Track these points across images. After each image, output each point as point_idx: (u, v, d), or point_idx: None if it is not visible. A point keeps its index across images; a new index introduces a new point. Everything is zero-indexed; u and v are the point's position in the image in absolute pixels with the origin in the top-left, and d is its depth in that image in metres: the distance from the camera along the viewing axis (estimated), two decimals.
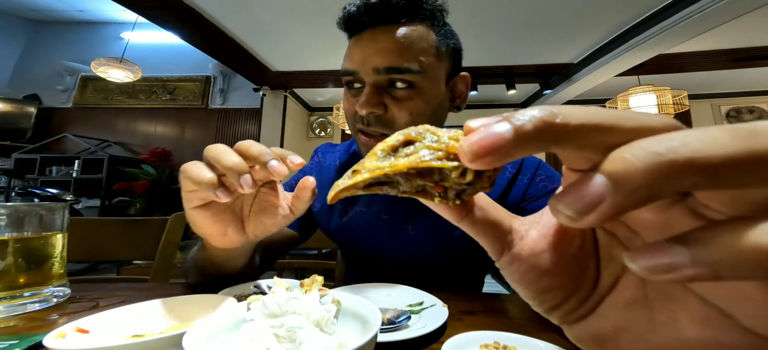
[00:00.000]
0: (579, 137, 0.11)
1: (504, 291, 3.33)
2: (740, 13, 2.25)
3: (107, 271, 3.30)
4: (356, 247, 0.70)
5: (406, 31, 0.52)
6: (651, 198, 0.10)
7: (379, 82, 0.53)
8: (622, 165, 0.10)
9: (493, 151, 0.12)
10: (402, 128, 0.56)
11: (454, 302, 0.47)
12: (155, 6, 2.60)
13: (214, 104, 4.69)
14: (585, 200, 0.11)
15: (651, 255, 0.11)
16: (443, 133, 0.15)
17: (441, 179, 0.15)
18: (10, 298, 0.44)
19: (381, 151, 0.16)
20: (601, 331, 0.17)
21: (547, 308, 0.17)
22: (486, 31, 2.95)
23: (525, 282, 0.17)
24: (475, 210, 0.18)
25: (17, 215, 0.46)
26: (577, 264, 0.17)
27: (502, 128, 0.12)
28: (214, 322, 0.28)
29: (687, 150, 0.09)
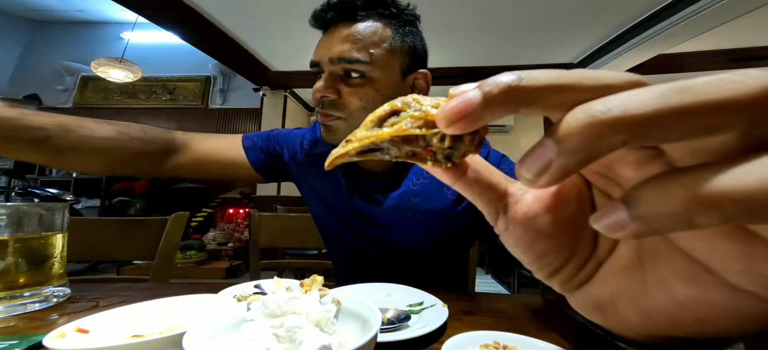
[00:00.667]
0: (543, 98, 0.12)
1: (504, 291, 3.33)
2: (740, 13, 2.25)
3: (107, 271, 3.30)
4: (323, 225, 0.75)
5: (359, 27, 0.58)
6: (590, 158, 0.11)
7: (334, 71, 0.59)
8: (563, 127, 0.11)
9: (464, 116, 0.13)
10: (354, 112, 0.58)
11: (454, 302, 0.47)
12: (155, 6, 2.60)
13: (214, 104, 4.69)
14: (538, 163, 0.12)
15: (604, 215, 0.11)
16: (426, 102, 0.16)
17: (427, 145, 0.16)
18: (10, 298, 0.44)
19: (370, 121, 0.17)
20: (600, 297, 0.17)
21: (546, 274, 0.18)
22: (486, 31, 2.95)
23: (521, 246, 0.17)
24: (469, 172, 0.18)
25: (17, 215, 0.46)
26: (573, 227, 0.17)
27: (473, 94, 0.13)
28: (214, 322, 0.28)
29: (619, 110, 0.10)
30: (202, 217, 4.05)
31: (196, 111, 4.65)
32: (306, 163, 0.74)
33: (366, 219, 0.69)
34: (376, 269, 0.71)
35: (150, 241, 0.90)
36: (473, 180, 0.18)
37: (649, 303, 0.15)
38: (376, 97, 0.59)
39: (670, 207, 0.10)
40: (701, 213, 0.10)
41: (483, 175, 0.18)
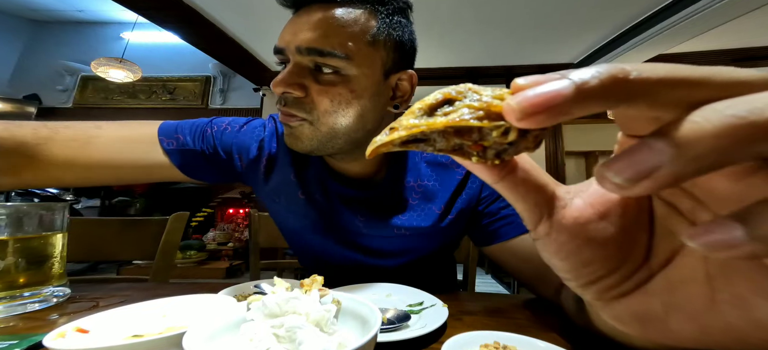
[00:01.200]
0: (658, 93, 0.10)
1: (504, 291, 3.32)
2: (740, 13, 2.25)
3: (107, 271, 3.30)
4: (288, 232, 0.66)
5: (339, 12, 0.48)
6: (716, 167, 0.09)
7: (302, 63, 0.49)
8: (688, 129, 0.09)
9: (548, 108, 0.11)
10: (322, 116, 0.47)
11: (454, 302, 0.47)
12: (155, 6, 2.60)
13: (214, 104, 4.69)
14: (640, 166, 0.10)
15: (709, 232, 0.10)
16: (486, 91, 0.14)
17: (480, 138, 0.14)
18: (10, 298, 0.44)
19: (419, 109, 0.15)
20: (647, 309, 0.16)
21: (583, 282, 0.17)
22: (486, 31, 2.95)
23: (563, 253, 0.16)
24: (518, 171, 0.16)
25: (17, 215, 0.46)
26: (627, 236, 0.16)
27: (561, 85, 0.11)
28: (214, 322, 0.28)
29: None
30: (202, 217, 4.05)
31: (196, 111, 4.65)
32: (271, 172, 0.61)
33: (346, 233, 0.60)
34: (354, 282, 0.62)
35: (150, 241, 0.91)
36: (521, 180, 0.16)
37: (714, 319, 0.14)
38: (350, 100, 0.49)
39: None
40: None
41: (531, 175, 0.17)
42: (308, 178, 0.60)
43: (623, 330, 0.17)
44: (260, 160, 0.61)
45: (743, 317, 0.13)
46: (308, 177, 0.60)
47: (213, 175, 0.62)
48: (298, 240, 0.66)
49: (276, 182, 0.61)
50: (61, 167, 0.53)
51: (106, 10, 4.34)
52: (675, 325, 0.15)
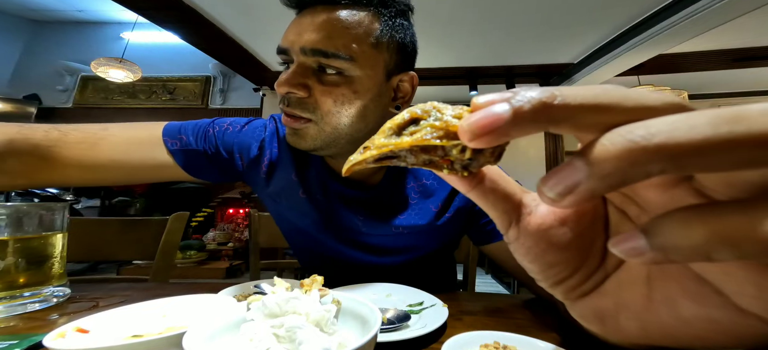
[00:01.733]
0: (576, 118, 0.12)
1: (504, 291, 3.32)
2: (740, 13, 2.25)
3: (107, 271, 3.30)
4: (289, 230, 0.66)
5: (343, 14, 0.48)
6: (623, 184, 0.11)
7: (306, 64, 0.49)
8: (598, 150, 0.11)
9: (491, 131, 0.12)
10: (326, 115, 0.48)
11: (454, 302, 0.47)
12: (155, 6, 2.60)
13: (214, 104, 4.69)
14: (564, 183, 0.11)
15: (623, 241, 0.12)
16: (447, 111, 0.16)
17: (444, 154, 0.15)
18: (10, 298, 0.44)
19: (389, 128, 0.16)
20: (603, 308, 0.17)
21: (552, 283, 0.18)
22: (486, 31, 2.95)
23: (531, 256, 0.17)
24: (485, 182, 0.18)
25: (17, 215, 0.46)
26: (584, 240, 0.17)
27: (501, 109, 0.12)
28: (214, 322, 0.28)
29: (662, 137, 0.10)
30: (202, 217, 4.05)
31: (196, 111, 4.65)
32: (272, 172, 0.62)
33: (346, 231, 0.61)
34: (354, 280, 0.62)
35: (150, 241, 0.91)
36: (489, 189, 0.18)
37: (651, 317, 0.15)
38: (353, 100, 0.50)
39: (689, 241, 0.10)
40: (719, 250, 0.10)
41: (499, 185, 0.18)
42: (309, 178, 0.61)
43: (588, 327, 0.18)
44: (261, 159, 0.61)
45: (673, 315, 0.15)
46: (309, 177, 0.61)
47: (215, 174, 0.63)
48: (299, 238, 0.67)
49: (277, 182, 0.61)
50: (71, 168, 0.55)
51: (106, 10, 4.34)
52: (623, 323, 0.16)
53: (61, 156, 0.54)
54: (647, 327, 0.15)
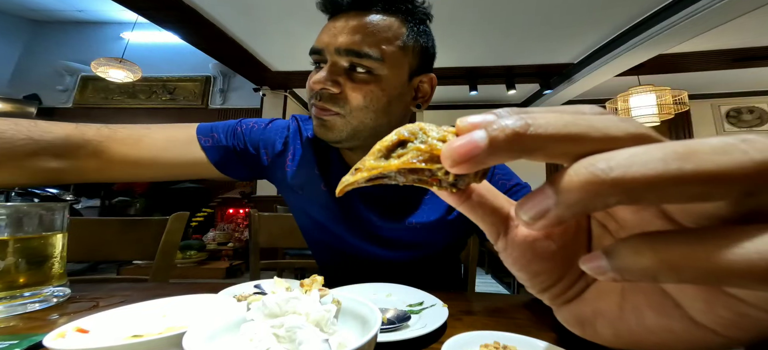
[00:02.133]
0: (548, 148, 0.12)
1: (504, 291, 3.33)
2: (740, 13, 2.25)
3: (107, 271, 3.30)
4: (309, 225, 0.69)
5: (374, 18, 0.54)
6: (586, 211, 0.12)
7: (339, 63, 0.54)
8: (565, 180, 0.12)
9: (469, 159, 0.13)
10: (355, 110, 0.53)
11: (454, 302, 0.47)
12: (155, 6, 2.60)
13: (214, 104, 4.69)
14: (536, 208, 0.13)
15: (590, 259, 0.13)
16: (433, 133, 0.16)
17: (431, 175, 0.16)
18: (10, 298, 0.44)
19: (377, 151, 0.17)
20: (583, 314, 0.19)
21: (538, 289, 0.19)
22: (486, 31, 2.95)
23: (518, 265, 0.19)
24: (473, 197, 0.19)
25: (17, 215, 0.46)
26: (567, 252, 0.18)
27: (479, 137, 0.13)
28: (214, 322, 0.28)
29: (619, 171, 0.11)
30: (202, 217, 4.05)
31: (196, 111, 4.65)
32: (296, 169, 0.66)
33: (363, 225, 0.64)
34: (366, 275, 0.67)
35: (150, 241, 0.91)
36: (477, 204, 0.19)
37: (622, 325, 0.17)
38: (380, 97, 0.55)
39: (639, 265, 0.11)
40: (663, 274, 0.11)
41: (487, 200, 0.19)
42: (330, 173, 0.65)
43: (572, 331, 0.20)
44: (285, 154, 0.67)
45: (639, 324, 0.16)
46: (330, 172, 0.65)
47: (242, 170, 0.67)
48: (316, 232, 0.70)
49: (300, 175, 0.66)
50: (117, 163, 0.59)
51: (106, 10, 4.34)
52: (599, 329, 0.18)
53: (110, 151, 0.58)
54: (619, 334, 0.17)
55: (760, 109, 4.43)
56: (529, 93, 4.41)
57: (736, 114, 4.48)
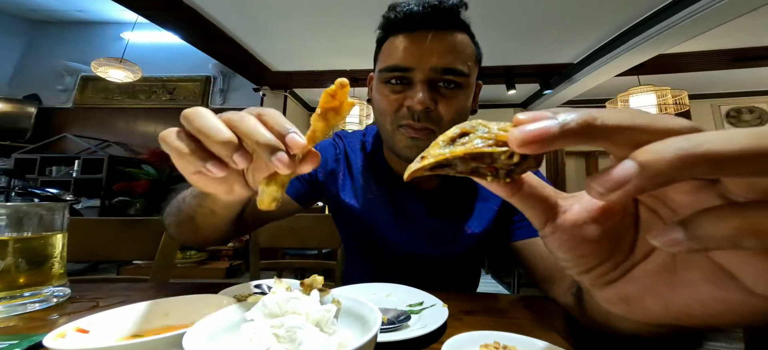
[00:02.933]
0: (615, 135, 0.15)
1: (504, 290, 3.33)
2: (740, 13, 2.25)
3: (107, 271, 3.30)
4: (361, 230, 0.72)
5: (459, 37, 0.58)
6: (668, 183, 0.13)
7: (432, 80, 0.57)
8: (652, 153, 0.13)
9: (540, 140, 0.15)
10: (447, 124, 0.54)
11: (454, 302, 0.47)
12: (155, 6, 2.60)
13: (214, 104, 4.69)
14: (614, 180, 0.14)
15: (663, 233, 0.14)
16: (493, 125, 0.18)
17: (492, 161, 0.18)
18: (10, 298, 0.44)
19: (442, 141, 0.19)
20: (629, 292, 0.20)
21: (580, 271, 0.21)
22: (486, 31, 2.94)
23: (565, 247, 0.21)
24: (525, 187, 0.21)
25: (17, 215, 0.46)
26: (614, 235, 0.20)
27: (550, 123, 0.15)
28: (214, 322, 0.28)
29: (706, 147, 0.12)
30: None
31: None
32: (352, 182, 0.71)
33: (410, 222, 0.68)
34: (392, 270, 0.70)
35: (150, 241, 0.90)
36: (528, 194, 0.21)
37: (674, 299, 0.18)
38: (465, 109, 0.60)
39: (722, 232, 0.13)
40: (745, 240, 0.13)
41: (536, 190, 0.21)
42: (380, 180, 0.70)
43: (611, 310, 0.21)
44: (338, 170, 0.72)
45: (693, 297, 0.18)
46: (380, 179, 0.70)
47: (310, 195, 0.72)
48: (363, 237, 0.73)
49: (353, 185, 0.71)
50: (224, 225, 0.53)
51: (106, 10, 4.34)
52: (649, 305, 0.19)
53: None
54: (669, 308, 0.19)
55: (760, 109, 4.42)
56: (529, 93, 4.41)
57: (736, 114, 4.48)
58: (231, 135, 0.27)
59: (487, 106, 4.60)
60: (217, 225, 0.49)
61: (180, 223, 0.51)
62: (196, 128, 0.28)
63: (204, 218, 0.47)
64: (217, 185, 0.34)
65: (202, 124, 0.27)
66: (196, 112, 0.28)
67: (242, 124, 0.28)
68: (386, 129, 0.62)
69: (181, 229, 0.52)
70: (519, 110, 4.47)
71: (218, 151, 0.28)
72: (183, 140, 0.28)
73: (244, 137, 0.27)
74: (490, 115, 4.57)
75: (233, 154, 0.27)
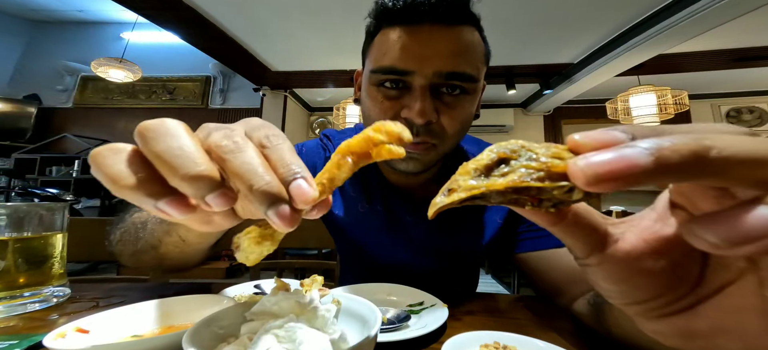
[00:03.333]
0: (736, 171, 0.11)
1: (504, 290, 3.33)
2: (740, 13, 2.25)
3: (107, 271, 3.30)
4: (353, 245, 0.68)
5: (467, 33, 0.48)
6: None
7: (435, 85, 0.47)
8: None
9: (622, 178, 0.11)
10: (450, 138, 0.48)
11: (454, 302, 0.47)
12: (155, 6, 2.60)
13: (214, 104, 4.69)
14: (743, 232, 0.11)
15: None
16: (540, 150, 0.15)
17: (538, 193, 0.15)
18: (10, 298, 0.44)
19: (474, 169, 0.16)
20: (693, 328, 0.17)
21: (628, 302, 0.18)
22: (486, 31, 2.92)
23: (612, 279, 0.17)
24: (570, 216, 0.17)
25: (17, 215, 0.46)
26: (678, 268, 0.17)
27: (636, 154, 0.11)
28: (214, 322, 0.28)
29: None
30: None
31: (196, 111, 4.65)
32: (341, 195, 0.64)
33: (405, 231, 0.62)
34: (387, 280, 0.68)
35: None
36: (573, 223, 0.17)
37: (760, 342, 0.15)
38: (470, 115, 0.50)
39: None
40: None
41: (583, 218, 0.18)
42: (371, 195, 0.63)
43: (662, 342, 0.18)
44: None
45: None
46: (371, 194, 0.63)
47: None
48: (353, 246, 0.67)
49: (342, 197, 0.64)
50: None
51: (106, 10, 4.34)
52: (722, 343, 0.16)
53: None
54: (754, 346, 0.15)
55: (760, 109, 4.42)
56: (528, 93, 4.40)
57: (736, 114, 4.48)
58: (208, 168, 0.18)
59: (487, 106, 4.59)
60: (188, 255, 0.42)
61: (138, 253, 0.44)
62: (154, 153, 0.18)
63: (172, 248, 0.39)
64: (189, 217, 0.24)
65: (166, 146, 0.18)
66: (159, 127, 0.19)
67: (235, 158, 0.19)
68: None
69: (138, 259, 0.45)
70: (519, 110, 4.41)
71: (185, 190, 0.18)
72: (127, 165, 0.19)
73: (234, 175, 0.19)
74: (491, 114, 4.56)
75: (209, 194, 0.18)
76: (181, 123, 0.20)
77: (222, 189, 0.19)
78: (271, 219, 0.19)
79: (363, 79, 0.55)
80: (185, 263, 0.46)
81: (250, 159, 0.19)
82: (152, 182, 0.19)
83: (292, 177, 0.19)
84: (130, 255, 0.45)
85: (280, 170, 0.20)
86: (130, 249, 0.45)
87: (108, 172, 0.18)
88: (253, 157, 0.19)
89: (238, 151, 0.19)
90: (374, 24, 0.52)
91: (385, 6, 0.49)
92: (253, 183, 0.18)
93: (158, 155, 0.18)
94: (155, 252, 0.41)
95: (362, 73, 0.56)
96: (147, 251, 0.42)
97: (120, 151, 0.19)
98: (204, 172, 0.18)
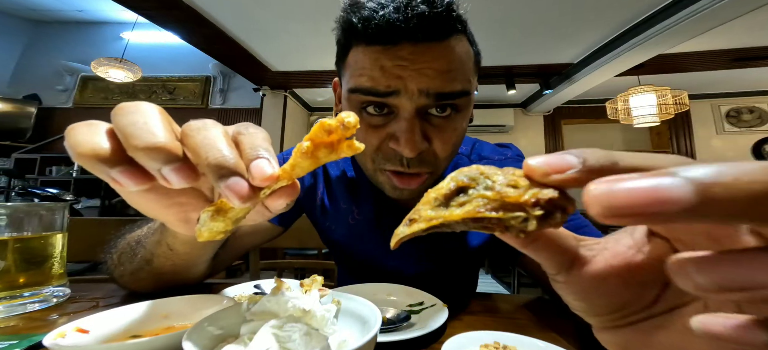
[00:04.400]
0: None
1: (503, 290, 3.33)
2: (740, 12, 2.25)
3: None
4: (346, 251, 0.67)
5: (455, 45, 0.42)
6: None
7: (422, 108, 0.42)
8: None
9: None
10: (444, 161, 0.44)
11: (454, 302, 0.47)
12: (155, 6, 2.60)
13: (214, 104, 4.68)
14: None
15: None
16: (498, 177, 0.15)
17: (499, 222, 0.14)
18: (10, 298, 0.44)
19: (434, 199, 0.16)
20: (632, 342, 0.18)
21: (587, 314, 0.18)
22: (486, 31, 2.94)
23: (577, 295, 0.18)
24: (542, 238, 0.17)
25: (17, 215, 0.46)
26: (638, 290, 0.17)
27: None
28: (214, 322, 0.28)
29: None
30: None
31: (196, 111, 4.65)
32: (329, 205, 0.63)
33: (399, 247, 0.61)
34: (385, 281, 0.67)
35: None
36: (544, 245, 0.18)
37: None
38: (462, 131, 0.46)
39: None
40: None
41: (555, 241, 0.18)
42: (362, 208, 0.62)
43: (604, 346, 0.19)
44: (316, 188, 0.64)
45: None
46: (362, 207, 0.62)
47: (293, 216, 0.65)
48: (346, 253, 0.67)
49: (330, 209, 0.64)
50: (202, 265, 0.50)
51: (106, 10, 4.33)
52: None
53: None
54: None
55: (760, 109, 4.42)
56: (529, 93, 4.40)
57: (736, 114, 4.48)
58: (165, 139, 0.19)
59: (486, 106, 4.59)
60: (179, 267, 0.41)
61: (136, 271, 0.44)
62: (120, 125, 0.20)
63: (163, 260, 0.39)
64: (162, 208, 0.25)
65: (133, 119, 0.20)
66: (133, 105, 0.20)
67: (197, 134, 0.20)
68: (365, 166, 0.49)
69: (137, 278, 0.45)
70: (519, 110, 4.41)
71: (141, 159, 0.19)
72: (92, 135, 0.20)
73: (192, 150, 0.20)
74: (491, 114, 4.56)
75: (164, 165, 0.19)
76: (157, 107, 0.21)
77: (179, 164, 0.19)
78: (223, 191, 0.19)
79: (342, 96, 0.49)
80: (180, 277, 0.46)
81: (211, 135, 0.20)
82: (111, 152, 0.19)
83: (255, 156, 0.20)
84: (129, 275, 0.46)
85: (246, 150, 0.21)
86: (129, 269, 0.46)
87: (72, 140, 0.20)
88: (216, 134, 0.20)
89: (203, 128, 0.21)
90: (344, 37, 0.46)
91: (353, 26, 0.42)
92: (208, 154, 0.19)
93: (123, 127, 0.19)
94: (150, 267, 0.42)
95: (341, 88, 0.51)
96: (142, 267, 0.43)
97: (93, 125, 0.21)
98: (160, 143, 0.19)
